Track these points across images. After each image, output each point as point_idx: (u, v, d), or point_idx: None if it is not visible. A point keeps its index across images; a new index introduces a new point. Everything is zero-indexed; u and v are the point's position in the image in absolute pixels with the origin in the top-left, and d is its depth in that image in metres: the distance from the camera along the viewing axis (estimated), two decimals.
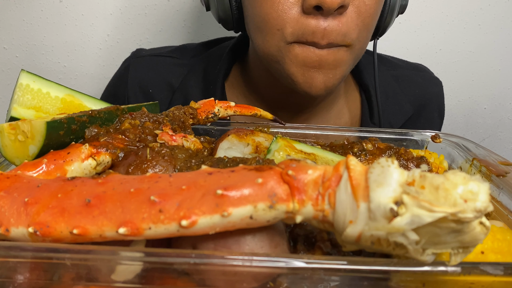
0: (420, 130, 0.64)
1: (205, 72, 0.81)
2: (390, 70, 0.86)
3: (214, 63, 0.81)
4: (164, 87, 0.82)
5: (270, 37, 0.63)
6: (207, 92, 0.80)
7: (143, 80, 0.83)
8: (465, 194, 0.26)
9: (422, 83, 0.87)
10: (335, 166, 0.30)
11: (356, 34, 0.62)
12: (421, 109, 0.84)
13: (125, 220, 0.30)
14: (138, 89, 0.83)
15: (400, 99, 0.82)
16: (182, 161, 0.42)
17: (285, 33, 0.61)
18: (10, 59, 1.16)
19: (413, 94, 0.84)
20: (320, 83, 0.63)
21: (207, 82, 0.80)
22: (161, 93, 0.82)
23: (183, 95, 0.81)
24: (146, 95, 0.82)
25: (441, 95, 0.88)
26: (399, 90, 0.83)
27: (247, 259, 0.29)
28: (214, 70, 0.80)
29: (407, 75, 0.86)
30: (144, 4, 1.13)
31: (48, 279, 0.31)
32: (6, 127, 0.43)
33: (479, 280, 0.30)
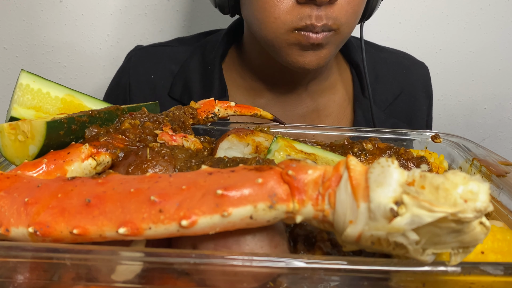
0: (420, 130, 0.64)
1: (203, 56, 0.86)
2: (378, 52, 0.92)
3: (211, 47, 0.86)
4: (165, 73, 0.86)
5: (268, 25, 0.68)
6: (205, 74, 0.84)
7: (144, 68, 0.87)
8: (465, 194, 0.26)
9: (408, 65, 0.93)
10: (335, 166, 0.30)
11: (345, 19, 0.68)
12: (409, 88, 0.90)
13: (125, 220, 0.30)
14: (140, 76, 0.87)
15: (388, 79, 0.89)
16: (182, 161, 0.42)
17: (283, 20, 0.66)
18: (10, 59, 1.16)
19: (401, 74, 0.90)
20: (313, 61, 0.70)
21: (205, 65, 0.85)
22: (162, 79, 0.86)
23: (183, 78, 0.85)
24: (148, 82, 0.86)
25: (427, 76, 0.94)
26: (387, 70, 0.90)
27: (247, 259, 0.29)
28: (211, 53, 0.85)
29: (394, 58, 0.93)
30: (144, 4, 1.13)
31: (48, 279, 0.31)
32: (6, 127, 0.43)
33: (479, 280, 0.30)
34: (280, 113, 0.83)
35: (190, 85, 0.84)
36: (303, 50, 0.69)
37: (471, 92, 1.27)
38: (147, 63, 0.88)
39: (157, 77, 0.87)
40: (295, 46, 0.68)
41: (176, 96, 0.84)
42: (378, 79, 0.88)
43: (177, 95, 0.84)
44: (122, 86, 0.88)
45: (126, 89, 0.87)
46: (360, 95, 0.85)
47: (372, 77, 0.86)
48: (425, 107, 0.92)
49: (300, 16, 0.65)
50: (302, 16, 0.65)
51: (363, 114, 0.84)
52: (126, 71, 0.89)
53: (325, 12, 0.65)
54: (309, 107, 0.85)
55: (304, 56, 0.69)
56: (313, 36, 0.66)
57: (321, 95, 0.86)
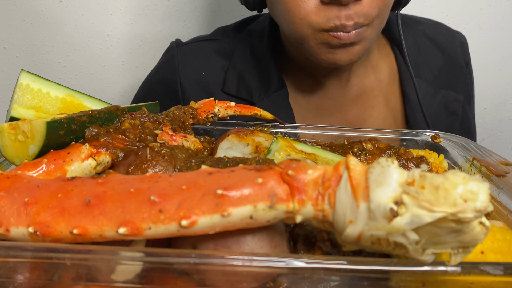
0: (420, 130, 0.64)
1: (252, 47, 0.84)
2: (416, 25, 0.90)
3: (259, 37, 0.84)
4: (215, 68, 0.84)
5: (295, 25, 0.66)
6: (259, 67, 0.82)
7: (193, 65, 0.84)
8: (465, 194, 0.26)
9: (446, 34, 0.92)
10: (335, 166, 0.30)
11: (376, 12, 0.65)
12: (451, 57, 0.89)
13: (125, 220, 0.30)
14: (190, 74, 0.83)
15: (431, 51, 0.87)
16: (182, 161, 0.42)
17: (311, 21, 0.64)
18: (10, 59, 1.16)
19: (441, 44, 0.89)
20: (345, 58, 0.67)
21: (256, 57, 0.83)
22: (213, 75, 0.83)
23: (236, 73, 0.82)
24: (200, 80, 0.83)
25: (465, 43, 0.94)
26: (428, 43, 0.88)
27: (247, 259, 0.29)
28: (261, 44, 0.83)
29: (433, 29, 0.92)
30: (144, 4, 1.13)
31: (48, 279, 0.31)
32: (6, 127, 0.43)
33: (479, 280, 0.30)
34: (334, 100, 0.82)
35: (245, 78, 0.81)
36: (333, 49, 0.66)
37: None
38: (195, 59, 0.84)
39: (208, 74, 0.83)
40: (324, 45, 0.66)
41: (232, 91, 0.81)
42: (421, 53, 0.86)
43: (233, 90, 0.81)
44: (169, 84, 0.84)
45: (176, 88, 0.83)
46: (406, 71, 0.83)
47: (415, 51, 0.85)
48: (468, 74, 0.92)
49: (327, 17, 0.63)
50: (330, 17, 0.63)
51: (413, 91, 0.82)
52: (172, 68, 0.84)
53: (354, 11, 0.62)
54: (358, 90, 0.83)
55: (335, 53, 0.67)
56: (345, 36, 0.64)
57: (367, 76, 0.84)
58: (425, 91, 0.82)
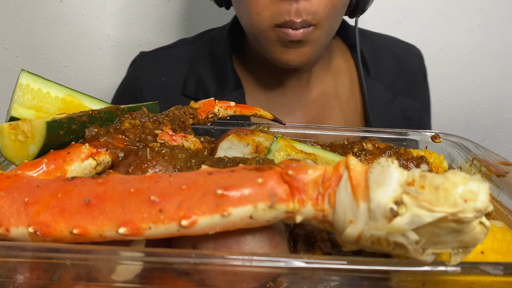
0: (420, 130, 0.64)
1: (211, 51, 0.87)
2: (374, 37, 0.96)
3: (218, 41, 0.87)
4: (175, 74, 0.87)
5: (252, 20, 0.70)
6: (217, 69, 0.85)
7: (153, 72, 0.88)
8: (465, 194, 0.26)
9: (403, 47, 0.97)
10: (335, 166, 0.30)
11: (324, 14, 0.68)
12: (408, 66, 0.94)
13: (125, 220, 0.30)
14: (151, 80, 0.87)
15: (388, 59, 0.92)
16: (182, 161, 0.42)
17: (264, 16, 0.68)
18: (10, 59, 1.16)
19: (399, 55, 0.94)
20: (296, 58, 0.71)
21: (215, 59, 0.86)
22: (173, 80, 0.86)
23: (195, 76, 0.86)
24: (160, 85, 0.86)
25: (421, 56, 0.98)
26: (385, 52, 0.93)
27: (247, 259, 0.29)
28: (220, 47, 0.86)
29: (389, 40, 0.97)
30: (144, 4, 1.13)
31: (48, 279, 0.31)
32: (6, 127, 0.43)
33: (479, 280, 0.30)
34: (294, 99, 0.84)
35: (203, 81, 0.84)
36: (285, 47, 0.70)
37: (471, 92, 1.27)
38: (155, 67, 0.88)
39: (168, 79, 0.87)
40: (277, 43, 0.69)
41: (191, 94, 0.84)
42: (379, 61, 0.90)
43: (192, 92, 0.84)
44: (132, 92, 0.88)
45: (137, 94, 0.87)
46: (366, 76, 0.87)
47: (373, 59, 0.89)
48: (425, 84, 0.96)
49: (279, 11, 0.66)
50: (281, 12, 0.66)
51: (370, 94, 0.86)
52: (134, 77, 0.89)
53: (303, 6, 0.66)
54: (319, 91, 0.86)
55: (287, 53, 0.70)
56: (292, 33, 0.67)
57: (327, 79, 0.87)
58: (383, 95, 0.86)
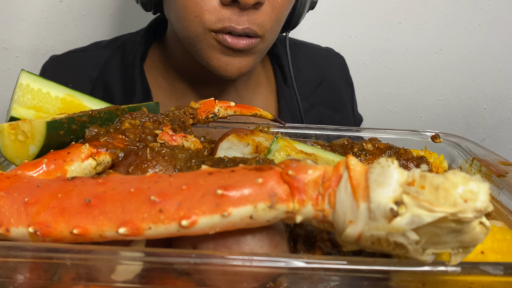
0: (420, 130, 0.64)
1: (123, 58, 0.83)
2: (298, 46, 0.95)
3: (131, 48, 0.84)
4: (83, 79, 0.83)
5: (189, 23, 0.66)
6: (126, 77, 0.81)
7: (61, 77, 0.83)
8: (465, 194, 0.26)
9: (326, 56, 0.97)
10: (335, 166, 0.30)
11: (270, 26, 0.67)
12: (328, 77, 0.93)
13: (125, 220, 0.30)
14: None
15: (308, 69, 0.91)
16: (182, 161, 0.42)
17: (203, 19, 0.65)
18: (10, 59, 1.16)
19: (320, 64, 0.94)
20: (234, 68, 0.68)
21: (125, 67, 0.82)
22: (81, 86, 0.82)
23: (103, 83, 0.82)
24: None
25: (345, 66, 0.98)
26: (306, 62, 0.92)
27: (247, 259, 0.29)
28: (131, 54, 0.82)
29: (313, 50, 0.96)
30: None
31: (48, 279, 0.31)
32: (6, 127, 0.43)
33: (479, 280, 0.30)
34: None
35: (111, 89, 0.81)
36: (224, 55, 0.66)
37: (471, 92, 1.27)
38: (63, 71, 0.85)
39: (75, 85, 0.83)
40: (216, 49, 0.66)
41: None
42: (299, 70, 0.89)
43: None
44: None
45: None
46: (282, 85, 0.86)
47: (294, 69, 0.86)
48: (348, 95, 0.96)
49: (219, 16, 0.63)
50: (221, 18, 0.63)
51: (286, 103, 0.85)
52: None
53: (247, 17, 0.63)
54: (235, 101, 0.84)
55: (226, 62, 0.67)
56: (232, 41, 0.64)
57: (247, 90, 0.85)
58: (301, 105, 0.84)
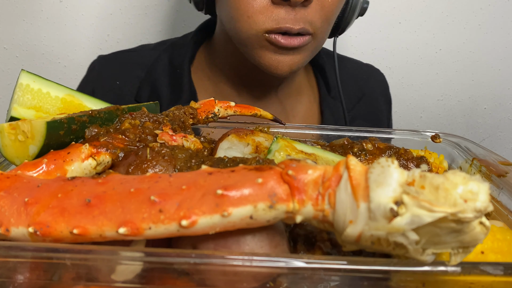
0: (420, 130, 0.64)
1: (170, 59, 0.85)
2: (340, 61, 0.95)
3: (179, 50, 0.86)
4: (130, 78, 0.85)
5: (241, 24, 0.67)
6: (174, 78, 0.83)
7: (108, 75, 0.86)
8: (465, 194, 0.26)
9: (367, 71, 0.98)
10: (335, 166, 0.30)
11: (320, 24, 0.67)
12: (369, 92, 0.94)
13: (125, 220, 0.30)
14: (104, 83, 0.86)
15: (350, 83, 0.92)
16: (182, 161, 0.42)
17: (256, 20, 0.65)
18: (10, 59, 1.16)
19: (361, 79, 0.95)
20: (286, 66, 0.69)
21: (173, 68, 0.84)
22: (128, 84, 0.85)
23: (150, 83, 0.84)
24: (113, 89, 0.85)
25: (385, 82, 0.99)
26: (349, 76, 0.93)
27: (247, 259, 0.29)
28: (180, 56, 0.84)
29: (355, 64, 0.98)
30: (144, 4, 1.13)
31: (48, 279, 0.31)
32: (6, 127, 0.43)
33: (479, 280, 0.30)
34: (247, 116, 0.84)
35: (158, 89, 0.83)
36: (276, 53, 0.67)
37: (471, 92, 1.27)
38: (111, 70, 0.87)
39: (122, 83, 0.85)
40: (268, 48, 0.67)
41: (144, 101, 0.81)
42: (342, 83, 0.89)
43: (144, 100, 0.82)
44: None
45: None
46: (326, 96, 0.87)
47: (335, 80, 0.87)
48: (386, 112, 0.97)
49: (274, 18, 0.64)
50: (277, 19, 0.64)
51: (331, 113, 0.85)
52: (89, 80, 0.88)
53: (300, 15, 0.64)
54: (277, 109, 0.85)
55: (278, 60, 0.68)
56: (284, 41, 0.65)
57: (289, 97, 0.86)
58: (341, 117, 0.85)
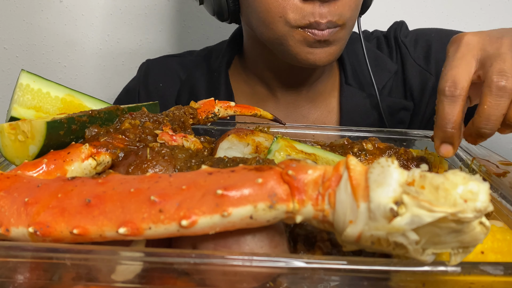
0: (420, 130, 0.64)
1: (209, 64, 0.89)
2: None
3: (217, 55, 0.89)
4: (174, 81, 0.90)
5: (274, 25, 0.69)
6: (211, 81, 0.86)
7: (153, 77, 0.91)
8: (465, 194, 0.26)
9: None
10: (335, 166, 0.30)
11: (350, 14, 0.69)
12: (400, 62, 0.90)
13: (125, 220, 0.30)
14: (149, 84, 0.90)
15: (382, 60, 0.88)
16: (182, 161, 0.42)
17: (288, 18, 0.67)
18: (10, 59, 1.16)
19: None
20: (323, 57, 0.70)
21: (211, 72, 0.87)
22: (171, 87, 0.89)
23: (189, 86, 0.88)
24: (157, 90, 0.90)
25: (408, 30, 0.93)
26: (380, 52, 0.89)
27: (247, 259, 0.29)
28: (217, 61, 0.88)
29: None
30: (144, 4, 1.13)
31: (48, 279, 0.31)
32: (6, 127, 0.43)
33: (479, 280, 0.30)
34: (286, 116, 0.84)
35: (196, 92, 0.86)
36: (311, 47, 0.69)
37: None
38: (157, 72, 0.91)
39: (166, 85, 0.90)
40: (303, 44, 0.69)
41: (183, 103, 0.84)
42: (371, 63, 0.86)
43: (184, 102, 0.85)
44: (132, 95, 0.91)
45: (135, 97, 0.90)
46: (343, 83, 0.86)
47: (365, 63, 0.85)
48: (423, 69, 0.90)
49: (303, 13, 0.66)
50: (305, 14, 0.66)
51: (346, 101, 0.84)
52: (136, 80, 0.93)
53: (328, 9, 0.66)
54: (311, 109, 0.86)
55: (314, 53, 0.69)
56: (319, 33, 0.67)
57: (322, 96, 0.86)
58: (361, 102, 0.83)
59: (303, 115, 0.86)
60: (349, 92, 0.85)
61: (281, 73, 0.82)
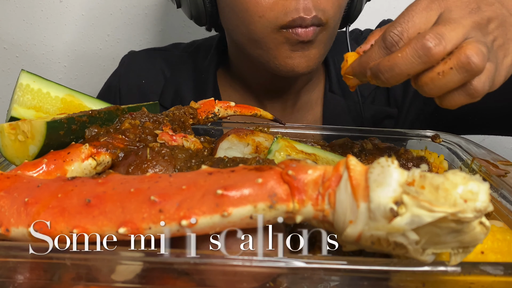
0: (420, 130, 0.64)
1: (195, 63, 0.84)
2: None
3: (204, 54, 0.83)
4: (157, 78, 0.84)
5: (253, 26, 0.64)
6: (199, 82, 0.81)
7: (135, 72, 0.85)
8: (465, 194, 0.26)
9: None
10: (335, 166, 0.30)
11: (333, 12, 0.64)
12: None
13: (125, 220, 0.30)
14: (130, 81, 0.85)
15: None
16: (182, 161, 0.42)
17: (269, 18, 0.62)
18: (10, 59, 1.16)
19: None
20: (302, 62, 0.66)
21: (198, 72, 0.82)
22: (154, 85, 0.84)
23: (174, 85, 0.83)
24: (138, 88, 0.84)
25: None
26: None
27: (247, 259, 0.29)
28: (205, 60, 0.82)
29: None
30: (144, 4, 1.13)
31: (48, 279, 0.31)
32: (6, 127, 0.43)
33: (479, 280, 0.30)
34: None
35: (182, 92, 0.82)
36: (291, 51, 0.65)
37: None
38: (139, 67, 0.86)
39: (148, 82, 0.84)
40: (284, 46, 0.64)
41: (167, 104, 0.80)
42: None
43: (168, 103, 0.81)
44: (113, 91, 0.86)
45: (116, 93, 0.85)
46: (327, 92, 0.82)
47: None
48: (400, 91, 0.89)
49: (285, 10, 0.61)
50: (288, 10, 0.61)
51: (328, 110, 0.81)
52: (117, 75, 0.87)
53: (312, 3, 0.61)
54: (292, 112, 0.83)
55: (293, 57, 0.65)
56: (302, 32, 0.62)
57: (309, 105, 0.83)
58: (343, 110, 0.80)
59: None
60: (332, 101, 0.81)
61: (265, 81, 0.78)
